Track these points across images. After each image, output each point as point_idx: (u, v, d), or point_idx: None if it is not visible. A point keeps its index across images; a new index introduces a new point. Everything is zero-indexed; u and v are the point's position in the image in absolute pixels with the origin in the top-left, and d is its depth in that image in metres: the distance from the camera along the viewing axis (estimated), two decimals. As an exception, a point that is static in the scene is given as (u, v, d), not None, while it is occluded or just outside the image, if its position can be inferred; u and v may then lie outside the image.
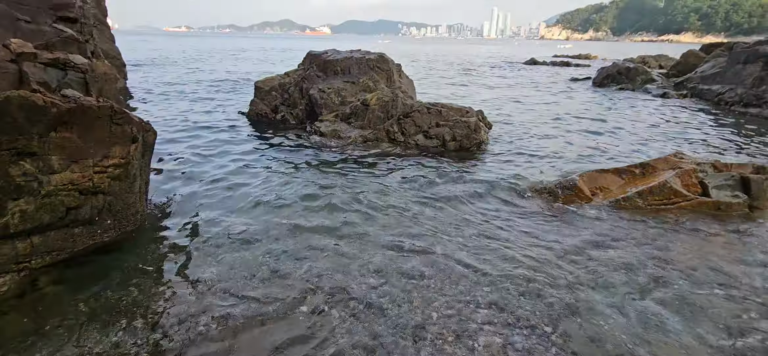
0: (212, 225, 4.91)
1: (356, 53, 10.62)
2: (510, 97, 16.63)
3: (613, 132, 10.32)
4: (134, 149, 4.50)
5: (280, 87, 10.72)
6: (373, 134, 8.80)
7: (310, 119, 9.94)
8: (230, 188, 6.08)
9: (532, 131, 10.37)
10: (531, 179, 6.78)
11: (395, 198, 5.81)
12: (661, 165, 6.17)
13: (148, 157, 5.14)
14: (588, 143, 9.26)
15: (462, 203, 5.73)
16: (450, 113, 8.94)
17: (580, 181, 6.22)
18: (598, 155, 8.28)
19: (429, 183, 6.46)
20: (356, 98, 9.62)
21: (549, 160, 7.93)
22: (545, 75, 26.28)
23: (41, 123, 3.53)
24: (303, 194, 5.88)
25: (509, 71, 28.89)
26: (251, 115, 10.83)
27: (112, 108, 4.13)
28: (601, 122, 11.59)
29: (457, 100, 14.79)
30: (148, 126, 4.94)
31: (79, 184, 3.93)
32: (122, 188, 4.48)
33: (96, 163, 4.08)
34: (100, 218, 4.29)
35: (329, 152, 7.99)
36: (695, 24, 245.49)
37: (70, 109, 3.71)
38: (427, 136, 8.63)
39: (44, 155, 3.64)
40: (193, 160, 7.32)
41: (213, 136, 9.09)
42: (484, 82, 21.98)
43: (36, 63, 3.67)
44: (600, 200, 5.90)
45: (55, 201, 3.76)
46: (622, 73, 20.16)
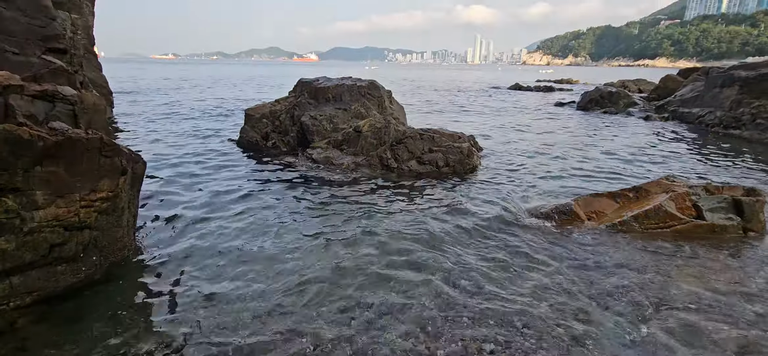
0: (201, 260, 4.72)
1: (347, 80, 10.67)
2: (499, 121, 16.88)
3: (602, 156, 10.48)
4: (123, 182, 4.34)
5: (270, 114, 10.66)
6: (366, 160, 8.75)
7: (301, 146, 9.86)
8: (220, 220, 5.90)
9: (522, 155, 10.46)
10: (525, 203, 6.77)
11: (392, 226, 5.71)
12: (654, 189, 6.23)
13: (137, 188, 4.97)
14: (579, 166, 9.36)
15: (459, 229, 5.66)
16: (443, 138, 8.97)
17: (575, 205, 6.23)
18: (589, 179, 8.35)
19: (425, 210, 6.39)
20: (348, 125, 9.60)
21: (542, 184, 7.97)
22: (531, 100, 26.86)
23: (26, 157, 3.37)
24: (296, 227, 5.74)
25: (495, 96, 29.47)
26: (242, 142, 10.70)
27: (102, 140, 3.99)
28: (590, 146, 11.78)
29: (448, 125, 14.93)
30: (137, 157, 4.79)
31: (65, 219, 3.74)
32: (109, 222, 4.30)
33: (83, 197, 3.91)
34: (85, 255, 4.08)
35: (322, 180, 7.88)
36: (668, 50, 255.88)
37: (58, 142, 3.56)
38: (420, 162, 8.61)
39: (28, 190, 3.46)
40: (182, 190, 7.13)
41: (203, 165, 8.91)
42: (473, 108, 22.32)
43: (23, 95, 3.53)
44: (596, 225, 5.90)
45: (39, 239, 3.57)
46: (605, 97, 20.72)
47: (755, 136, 12.79)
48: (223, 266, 4.56)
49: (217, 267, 4.54)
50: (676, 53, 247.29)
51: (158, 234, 5.34)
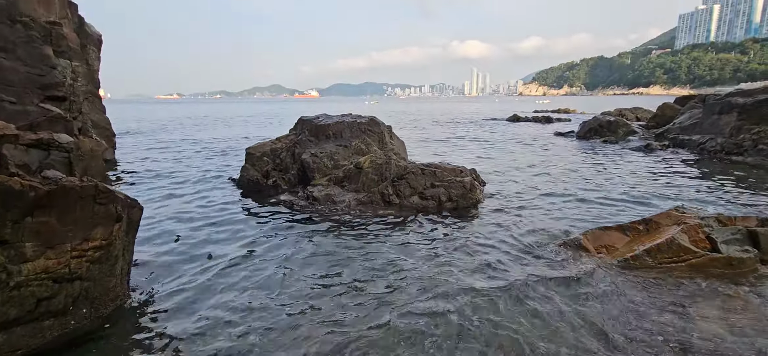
0: (198, 310, 4.51)
1: (347, 117, 10.70)
2: (499, 154, 16.86)
3: (606, 186, 10.35)
4: (118, 229, 4.20)
5: (271, 152, 10.62)
6: (367, 197, 8.63)
7: (302, 184, 9.76)
8: (218, 267, 5.71)
9: (525, 187, 10.34)
10: (532, 238, 6.59)
11: (396, 271, 5.51)
12: (665, 221, 6.06)
13: (133, 234, 4.82)
14: (583, 198, 9.21)
15: (465, 269, 5.46)
16: (444, 173, 8.88)
17: (584, 240, 6.05)
18: (596, 211, 8.18)
19: (431, 247, 6.20)
20: (349, 162, 9.53)
21: (547, 218, 7.80)
22: (530, 130, 27.00)
23: (17, 209, 3.25)
24: (296, 275, 5.55)
25: (494, 128, 29.66)
26: (242, 181, 10.60)
27: (96, 187, 3.88)
28: (593, 176, 11.67)
29: (448, 158, 14.90)
30: (133, 202, 4.67)
31: (54, 272, 3.57)
32: (102, 271, 4.12)
33: (74, 247, 3.76)
34: (75, 307, 3.89)
35: (323, 220, 7.72)
36: (662, 78, 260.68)
37: (50, 191, 3.45)
38: (422, 197, 8.48)
39: (17, 242, 3.32)
40: (180, 233, 6.97)
41: (202, 206, 8.78)
42: (472, 140, 22.40)
43: (17, 145, 3.45)
44: (607, 259, 5.70)
45: (25, 293, 3.39)
46: (604, 126, 20.80)
47: (758, 161, 12.71)
48: (221, 318, 4.34)
49: (214, 319, 4.32)
50: (670, 81, 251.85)
51: (154, 281, 5.14)
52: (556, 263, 5.60)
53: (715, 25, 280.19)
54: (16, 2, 3.90)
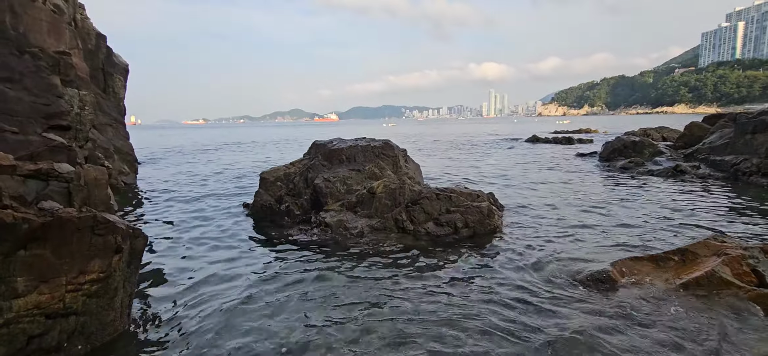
0: (203, 347, 4.28)
1: (361, 141, 10.54)
2: (518, 176, 16.38)
3: (633, 211, 9.78)
4: (117, 261, 4.05)
5: (285, 177, 10.53)
6: (380, 223, 8.35)
7: (315, 209, 9.57)
8: (226, 297, 5.50)
9: (546, 212, 9.87)
10: (555, 268, 6.16)
11: (411, 306, 5.18)
12: (702, 251, 5.56)
13: (136, 265, 4.67)
14: (608, 224, 8.69)
15: (487, 302, 5.08)
16: (460, 198, 8.54)
17: (613, 271, 5.60)
18: (622, 238, 7.67)
19: (446, 280, 5.85)
20: (362, 186, 9.32)
21: (571, 246, 7.34)
22: (550, 152, 26.36)
23: (8, 242, 3.13)
24: (305, 308, 5.28)
25: (513, 149, 29.12)
26: (256, 206, 10.51)
27: (95, 218, 3.75)
28: (619, 200, 11.10)
29: (465, 181, 14.54)
30: (137, 232, 4.53)
31: (47, 307, 3.42)
32: (100, 305, 3.96)
33: (70, 280, 3.61)
34: (69, 344, 3.71)
35: (335, 248, 7.47)
36: (686, 96, 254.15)
37: (45, 223, 3.33)
38: (437, 223, 8.15)
39: (8, 277, 3.19)
40: (189, 260, 6.83)
41: (213, 232, 8.68)
42: (490, 163, 21.96)
43: (13, 176, 3.34)
44: (638, 292, 5.23)
45: (15, 330, 3.24)
46: (629, 146, 20.06)
47: (800, 183, 11.87)
48: (226, 351, 4.09)
49: (219, 353, 4.08)
50: (695, 99, 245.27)
51: (157, 313, 4.95)
52: (584, 296, 5.16)
53: (740, 42, 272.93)
54: (26, 34, 3.90)
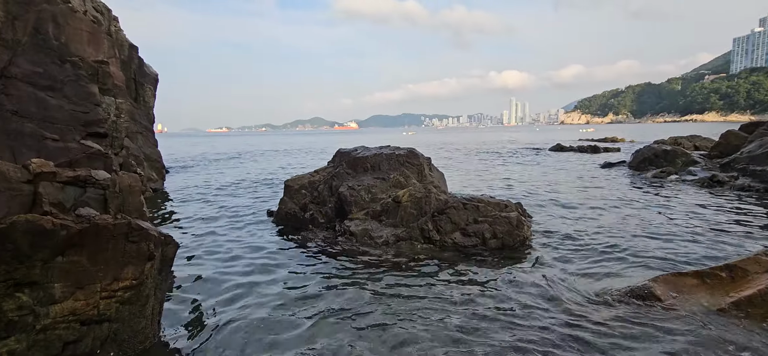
0: (233, 352, 4.24)
1: (386, 149, 10.47)
2: (544, 185, 15.98)
3: (668, 224, 9.34)
4: (149, 268, 4.06)
5: (309, 185, 10.54)
6: (406, 232, 8.22)
7: (339, 217, 9.52)
8: (252, 306, 5.47)
9: (576, 223, 9.54)
10: (590, 283, 5.89)
11: (443, 320, 5.03)
12: (753, 267, 5.21)
13: (166, 272, 4.68)
14: (644, 236, 8.31)
15: (518, 317, 4.88)
16: (488, 207, 8.34)
17: (655, 287, 5.30)
18: (659, 253, 7.29)
19: (476, 293, 5.66)
20: (387, 195, 9.22)
21: (605, 259, 7.02)
22: (575, 160, 25.71)
23: (47, 248, 3.16)
24: (329, 311, 5.19)
25: (537, 158, 28.53)
26: (280, 214, 10.55)
27: (129, 225, 3.77)
28: (652, 211, 10.64)
29: (490, 190, 14.27)
30: (168, 239, 4.55)
31: (82, 313, 3.44)
32: (132, 312, 3.97)
33: (104, 287, 3.63)
34: (102, 351, 3.72)
35: (360, 258, 7.38)
36: (717, 104, 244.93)
37: (82, 230, 3.36)
38: (464, 233, 7.96)
39: (46, 283, 3.22)
40: (216, 268, 6.86)
41: (240, 239, 8.74)
42: (514, 171, 21.55)
43: (53, 182, 3.39)
44: (683, 311, 4.92)
45: (51, 336, 3.26)
46: (660, 155, 19.34)
47: None
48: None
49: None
50: (726, 107, 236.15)
51: (186, 323, 4.96)
52: (624, 314, 4.89)
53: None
54: (68, 43, 3.99)
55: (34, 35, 3.47)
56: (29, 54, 3.44)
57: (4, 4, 3.27)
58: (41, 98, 3.47)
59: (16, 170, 3.22)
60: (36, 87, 3.48)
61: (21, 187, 3.23)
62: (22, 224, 2.97)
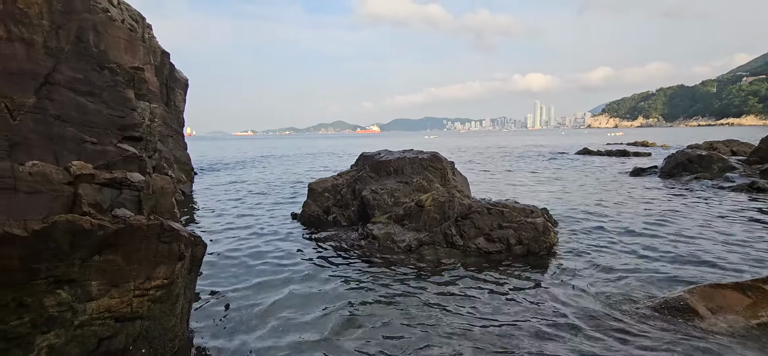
0: (255, 351, 4.31)
1: (409, 153, 10.45)
2: (572, 191, 15.59)
3: (704, 232, 8.92)
4: (180, 268, 4.17)
5: (332, 188, 10.63)
6: (429, 237, 8.17)
7: (362, 221, 9.55)
8: (276, 306, 5.55)
9: (605, 230, 9.24)
10: (621, 293, 5.68)
11: (466, 330, 4.96)
12: (800, 280, 4.91)
13: (195, 272, 4.80)
14: (676, 246, 7.96)
15: (545, 327, 4.75)
16: (513, 213, 8.19)
17: (691, 299, 5.06)
18: (694, 263, 6.97)
19: (500, 301, 5.56)
20: (410, 199, 9.19)
21: (635, 268, 6.77)
22: (603, 165, 24.96)
23: (85, 247, 3.29)
24: (351, 315, 5.20)
25: (563, 163, 27.87)
26: (304, 216, 10.67)
27: (161, 226, 3.89)
28: (686, 219, 10.19)
29: (514, 196, 14.02)
30: (197, 240, 4.66)
31: (116, 311, 3.56)
32: (163, 311, 4.08)
33: (137, 285, 3.75)
34: (134, 348, 3.84)
35: (382, 260, 7.38)
36: (756, 107, 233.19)
37: (118, 230, 3.49)
38: (489, 239, 7.84)
39: (84, 281, 3.35)
40: (241, 269, 7.00)
41: (264, 241, 8.89)
42: (539, 176, 21.11)
43: (92, 184, 3.54)
44: (723, 326, 4.68)
45: (88, 332, 3.39)
46: (694, 161, 18.55)
47: None
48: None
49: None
50: (766, 110, 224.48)
51: (212, 321, 5.07)
52: (658, 327, 4.70)
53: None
54: (106, 51, 4.17)
55: (76, 43, 3.65)
56: (71, 61, 3.62)
57: (49, 15, 3.46)
58: (81, 103, 3.65)
59: (58, 171, 3.37)
60: (77, 93, 3.65)
61: (62, 188, 3.38)
62: (63, 224, 3.11)
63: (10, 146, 3.22)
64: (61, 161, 3.53)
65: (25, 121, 3.35)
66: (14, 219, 3.03)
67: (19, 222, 3.01)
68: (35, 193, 3.22)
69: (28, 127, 3.36)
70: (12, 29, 3.32)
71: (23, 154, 3.32)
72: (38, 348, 3.11)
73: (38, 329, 3.11)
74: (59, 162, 3.50)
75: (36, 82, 3.48)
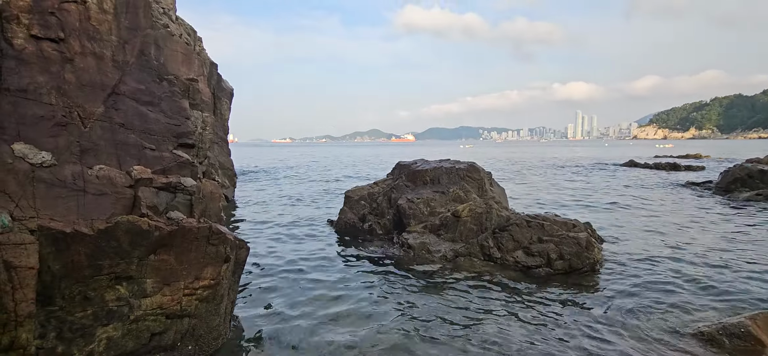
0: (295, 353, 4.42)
1: (445, 163, 10.40)
2: (616, 206, 14.87)
3: (765, 254, 8.24)
4: (225, 270, 4.36)
5: (368, 196, 10.74)
6: (465, 248, 8.06)
7: (397, 229, 9.58)
8: (313, 310, 5.66)
9: (654, 248, 8.74)
10: (674, 315, 5.36)
11: (507, 340, 4.85)
12: None
13: (238, 274, 5.00)
14: (734, 267, 7.40)
15: (591, 347, 4.56)
16: (554, 226, 7.93)
17: (753, 325, 4.70)
18: (755, 287, 6.45)
19: (543, 319, 5.39)
20: (446, 209, 9.12)
21: (688, 289, 6.36)
22: (651, 179, 23.65)
23: (143, 247, 3.53)
24: (390, 332, 5.21)
25: (606, 175, 26.65)
26: (340, 223, 10.84)
27: (210, 228, 4.09)
28: (744, 239, 9.46)
29: (555, 209, 13.57)
30: (241, 243, 4.86)
31: (167, 308, 3.78)
32: (209, 310, 4.28)
33: (187, 285, 3.96)
34: (182, 344, 4.05)
35: (417, 270, 7.35)
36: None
37: (172, 231, 3.71)
38: (528, 253, 7.62)
39: (140, 278, 3.58)
40: (279, 274, 7.20)
41: (302, 247, 9.10)
42: (581, 189, 20.31)
43: (151, 187, 3.78)
44: (791, 357, 4.30)
45: (142, 327, 3.61)
46: (755, 176, 17.20)
47: None
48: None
49: (306, 369, 4.17)
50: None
51: (253, 323, 5.25)
52: (711, 353, 4.38)
53: None
54: (166, 63, 4.48)
55: (139, 57, 3.96)
56: (135, 73, 3.92)
57: (117, 31, 3.78)
58: (143, 112, 3.93)
59: (122, 175, 3.64)
60: (139, 102, 3.95)
61: (124, 191, 3.64)
62: (125, 224, 3.35)
63: (81, 151, 3.52)
64: (124, 166, 3.80)
65: (95, 128, 3.65)
66: (82, 219, 3.29)
67: (87, 221, 3.27)
68: (101, 195, 3.49)
69: (97, 134, 3.66)
70: (86, 44, 3.65)
71: (91, 158, 3.62)
72: (98, 340, 3.35)
73: (99, 321, 3.35)
74: (122, 167, 3.77)
75: (104, 93, 3.79)
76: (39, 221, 3.14)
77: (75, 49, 3.75)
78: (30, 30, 3.40)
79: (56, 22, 3.52)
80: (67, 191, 3.33)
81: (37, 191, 3.22)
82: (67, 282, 3.27)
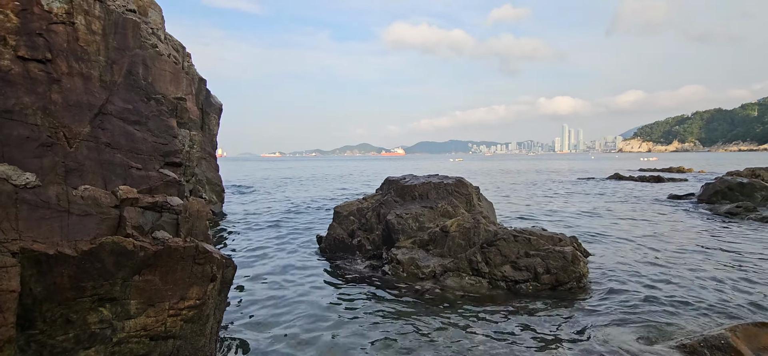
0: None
1: (434, 178, 10.49)
2: (601, 219, 15.12)
3: (745, 266, 8.45)
4: (211, 289, 4.32)
5: (358, 212, 10.75)
6: (453, 263, 8.10)
7: (386, 245, 9.58)
8: (302, 326, 5.63)
9: (638, 262, 8.90)
10: (656, 328, 5.45)
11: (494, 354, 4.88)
12: None
13: (225, 293, 4.95)
14: (716, 279, 7.58)
15: (574, 362, 4.61)
16: (540, 240, 8.03)
17: (733, 338, 4.80)
18: (737, 299, 6.62)
19: (531, 334, 5.44)
20: (435, 224, 9.18)
21: (671, 302, 6.48)
22: (636, 192, 24.11)
23: (128, 267, 3.49)
24: (372, 341, 5.21)
25: (593, 188, 27.09)
26: (329, 239, 10.80)
27: (197, 248, 4.07)
28: (726, 251, 9.69)
29: (541, 222, 13.74)
30: (228, 262, 4.83)
31: (152, 329, 3.73)
32: (194, 330, 4.22)
33: (172, 305, 3.92)
34: (167, 366, 3.99)
35: (405, 286, 7.37)
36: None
37: (157, 251, 3.68)
38: (515, 267, 7.70)
39: (124, 299, 3.54)
40: (266, 291, 7.15)
41: (289, 264, 9.05)
42: (567, 203, 20.59)
43: (136, 207, 3.77)
44: (769, 369, 4.40)
45: (125, 349, 3.56)
46: (735, 188, 17.69)
47: None
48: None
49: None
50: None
51: (240, 343, 5.19)
52: (696, 367, 4.47)
53: None
54: (154, 83, 4.50)
55: (127, 76, 3.97)
56: (122, 93, 3.92)
57: (105, 51, 3.80)
58: (130, 132, 3.93)
59: (107, 195, 3.62)
60: (126, 122, 3.95)
61: (110, 211, 3.62)
62: (109, 245, 3.32)
63: (66, 171, 3.50)
64: (109, 186, 3.79)
65: (80, 148, 3.64)
66: (66, 240, 3.26)
67: (71, 243, 3.24)
68: (85, 215, 3.46)
69: (83, 154, 3.65)
70: (73, 65, 3.66)
71: (77, 179, 3.60)
72: (81, 363, 3.29)
73: (81, 345, 3.29)
74: (107, 186, 3.76)
75: (91, 113, 3.79)
76: (21, 244, 3.10)
77: (62, 69, 3.76)
78: (17, 51, 3.40)
79: (44, 43, 3.53)
80: (51, 212, 3.30)
81: (20, 212, 3.19)
82: (48, 305, 3.22)
